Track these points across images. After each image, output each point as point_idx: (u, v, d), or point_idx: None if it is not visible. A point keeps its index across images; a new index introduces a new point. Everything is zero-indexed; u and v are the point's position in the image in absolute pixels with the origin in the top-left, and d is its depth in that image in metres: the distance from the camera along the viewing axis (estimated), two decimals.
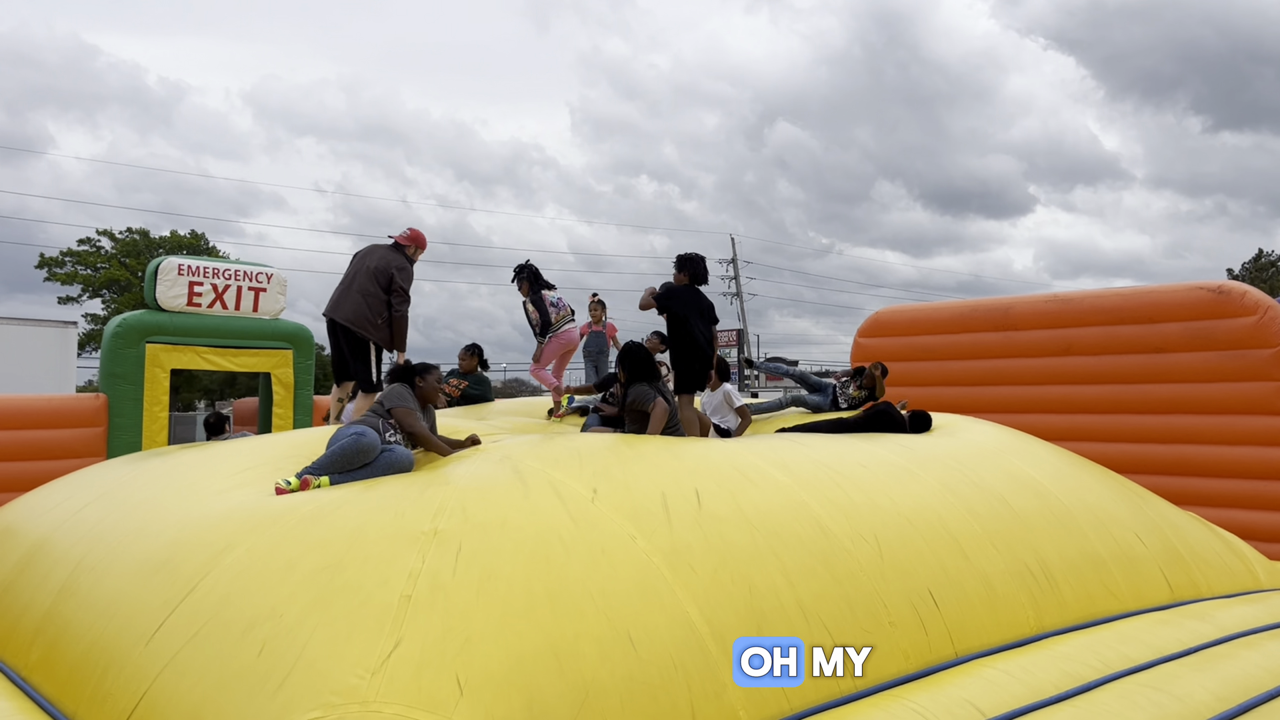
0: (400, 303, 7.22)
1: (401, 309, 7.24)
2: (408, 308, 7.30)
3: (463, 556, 3.67)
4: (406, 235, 7.58)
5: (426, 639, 3.28)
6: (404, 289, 7.27)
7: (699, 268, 7.38)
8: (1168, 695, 4.24)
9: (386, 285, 7.26)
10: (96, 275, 40.78)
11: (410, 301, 7.35)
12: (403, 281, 7.27)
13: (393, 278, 7.27)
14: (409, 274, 7.40)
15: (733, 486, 4.63)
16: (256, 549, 3.98)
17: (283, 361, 12.93)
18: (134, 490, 5.51)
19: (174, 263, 12.23)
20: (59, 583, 4.69)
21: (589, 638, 3.45)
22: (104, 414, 11.52)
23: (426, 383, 5.72)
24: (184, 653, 3.56)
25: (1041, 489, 5.99)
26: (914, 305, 13.58)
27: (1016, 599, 4.90)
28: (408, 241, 7.56)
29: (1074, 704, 4.10)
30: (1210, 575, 6.24)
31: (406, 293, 7.30)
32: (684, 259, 7.38)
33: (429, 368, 5.80)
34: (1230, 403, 9.62)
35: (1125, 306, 10.40)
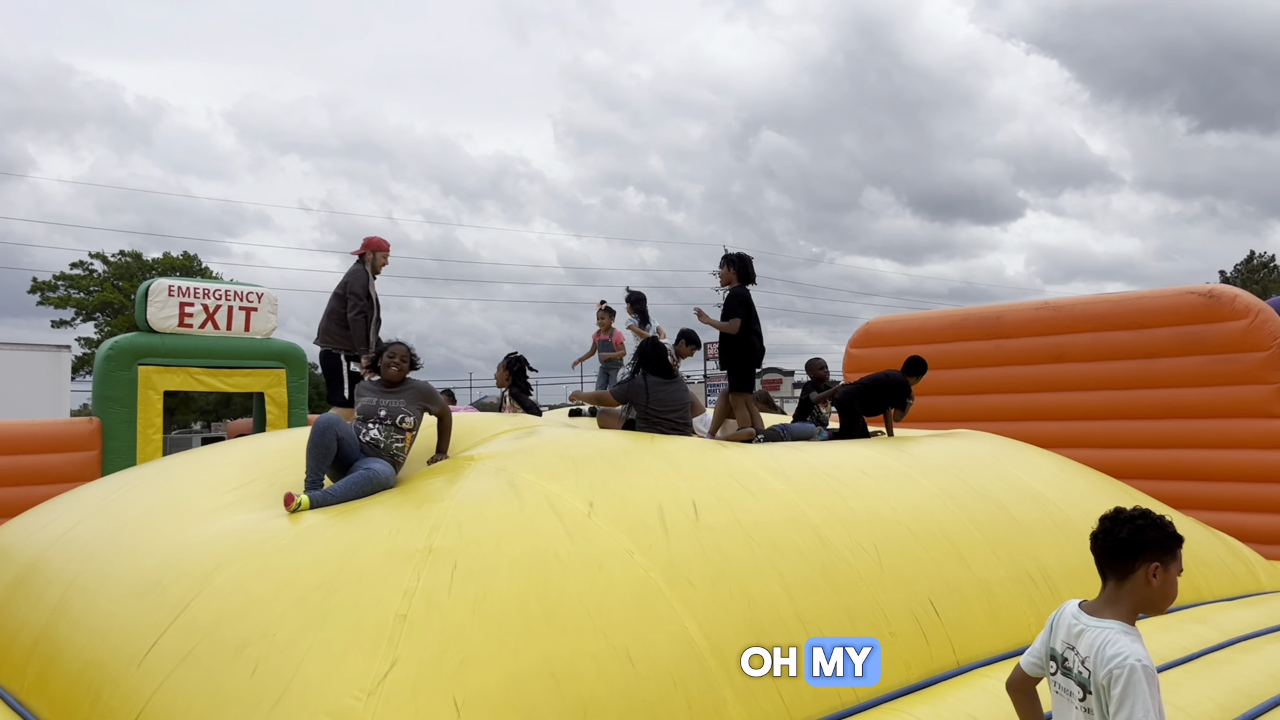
0: (351, 306, 7.57)
1: (352, 311, 7.56)
2: (361, 308, 7.59)
3: (458, 574, 3.63)
4: (361, 246, 8.00)
5: (422, 659, 3.24)
6: (355, 293, 7.61)
7: (748, 266, 7.42)
8: (1171, 706, 4.18)
9: (343, 296, 7.68)
10: (89, 299, 40.72)
11: (365, 303, 7.64)
12: (353, 287, 7.64)
13: (346, 284, 7.70)
14: (360, 277, 7.73)
15: (730, 497, 4.60)
16: (249, 567, 3.94)
17: (276, 381, 12.89)
18: (126, 507, 5.46)
19: (164, 284, 12.20)
20: (53, 603, 4.65)
21: (587, 656, 3.42)
22: (98, 438, 11.46)
23: (382, 362, 5.47)
24: (177, 673, 3.52)
25: (1040, 495, 5.97)
26: (905, 315, 13.61)
27: (1018, 606, 4.87)
28: (363, 250, 7.98)
29: None
30: (1211, 578, 6.21)
31: (357, 295, 7.62)
32: (732, 257, 7.42)
33: (382, 348, 5.60)
34: (1225, 406, 9.62)
35: (1116, 313, 10.41)
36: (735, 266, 7.37)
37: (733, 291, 7.34)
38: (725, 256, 7.46)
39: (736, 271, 7.36)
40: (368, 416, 5.15)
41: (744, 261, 7.42)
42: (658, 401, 6.14)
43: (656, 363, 6.30)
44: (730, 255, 7.45)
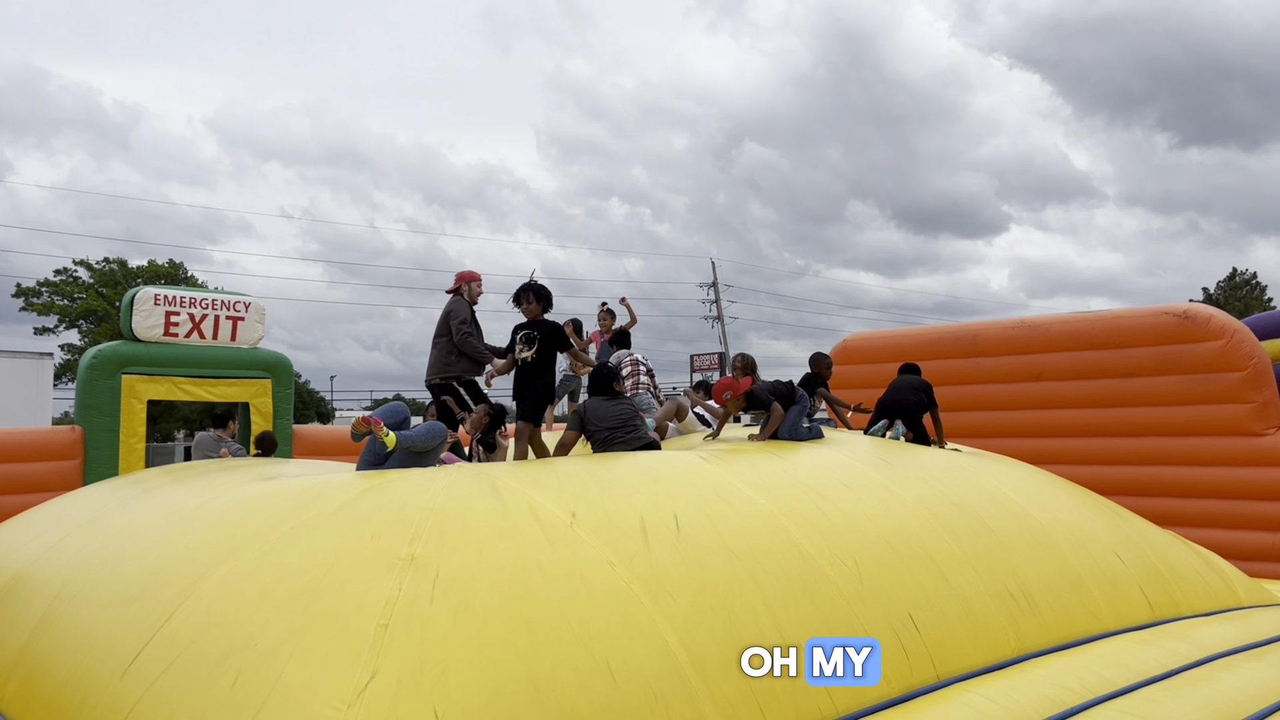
0: (457, 330, 7.92)
1: (459, 334, 7.92)
2: (467, 331, 7.94)
3: (440, 584, 3.64)
4: (455, 282, 8.35)
5: (403, 669, 3.25)
6: (462, 320, 7.99)
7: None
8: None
9: (448, 329, 8.04)
10: (73, 306, 40.50)
11: (471, 325, 8.04)
12: (459, 315, 8.02)
13: (448, 316, 8.06)
14: (462, 306, 8.11)
15: (711, 511, 4.62)
16: (232, 575, 3.95)
17: (261, 391, 12.84)
18: (113, 519, 5.45)
19: (150, 293, 12.17)
20: (37, 615, 4.64)
21: (567, 667, 3.43)
22: (80, 446, 11.40)
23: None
24: (159, 683, 3.52)
25: (1019, 508, 6.01)
26: (883, 331, 13.71)
27: (997, 621, 4.90)
28: (458, 285, 8.30)
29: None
30: (1190, 593, 6.26)
31: (463, 319, 8.00)
32: (541, 290, 7.03)
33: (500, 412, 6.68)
34: (1203, 425, 9.72)
35: (1092, 332, 10.50)
36: (543, 300, 7.00)
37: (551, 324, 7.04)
38: (533, 289, 7.00)
39: (543, 306, 7.00)
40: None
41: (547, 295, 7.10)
42: (595, 419, 6.45)
43: (598, 385, 6.64)
44: (537, 286, 7.03)
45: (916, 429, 7.42)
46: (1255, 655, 5.41)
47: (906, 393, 7.62)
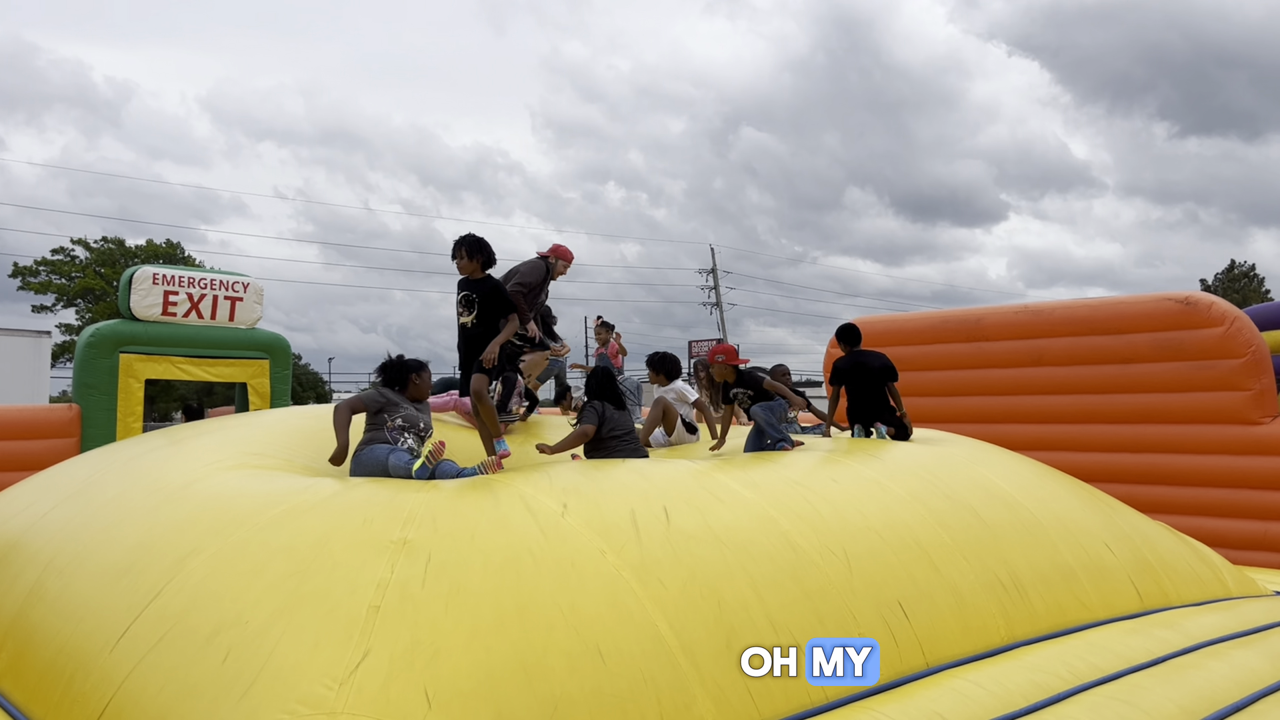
0: (513, 287, 7.19)
1: (511, 283, 7.23)
2: (520, 291, 7.25)
3: (432, 568, 3.66)
4: (549, 249, 7.75)
5: (395, 651, 3.27)
6: (524, 281, 7.41)
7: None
8: (1135, 708, 4.27)
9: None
10: (71, 284, 40.47)
11: (526, 289, 7.36)
12: (525, 276, 7.45)
13: (518, 270, 7.54)
14: (537, 270, 7.52)
15: (700, 504, 4.65)
16: (222, 553, 3.97)
17: (259, 371, 12.86)
18: (103, 489, 5.45)
19: (149, 272, 12.16)
20: (27, 586, 4.65)
21: (558, 651, 3.45)
22: (77, 425, 11.43)
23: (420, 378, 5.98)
24: (149, 659, 3.54)
25: (1011, 499, 6.03)
26: (885, 315, 13.72)
27: (987, 610, 4.93)
28: (549, 253, 7.72)
29: (1042, 715, 4.13)
30: (1179, 583, 6.29)
31: (524, 277, 7.42)
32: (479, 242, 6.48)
33: (421, 365, 6.02)
34: (1200, 412, 9.75)
35: (1094, 317, 10.53)
36: (480, 254, 6.32)
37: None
38: (467, 243, 6.32)
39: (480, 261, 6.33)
40: (410, 426, 5.72)
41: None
42: (612, 421, 6.57)
43: (607, 390, 6.76)
44: (472, 239, 6.38)
45: (884, 415, 7.42)
46: (1243, 644, 5.44)
47: (867, 385, 7.60)
